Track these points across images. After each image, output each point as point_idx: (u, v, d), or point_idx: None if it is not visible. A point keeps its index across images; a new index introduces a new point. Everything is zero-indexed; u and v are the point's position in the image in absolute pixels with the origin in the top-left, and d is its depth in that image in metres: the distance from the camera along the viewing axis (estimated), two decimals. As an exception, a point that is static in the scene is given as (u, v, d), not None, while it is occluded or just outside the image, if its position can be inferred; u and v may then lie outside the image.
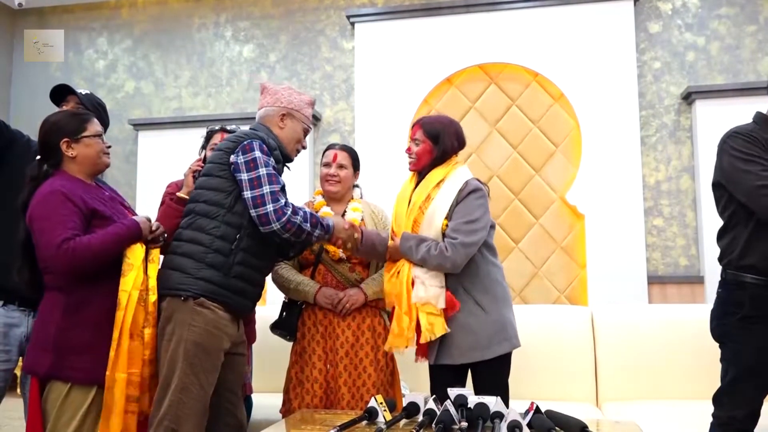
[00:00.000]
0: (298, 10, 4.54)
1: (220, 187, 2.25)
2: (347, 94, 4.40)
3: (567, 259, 3.97)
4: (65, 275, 2.05)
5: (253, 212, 2.19)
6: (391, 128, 4.19)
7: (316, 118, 4.37)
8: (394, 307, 2.41)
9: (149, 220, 2.21)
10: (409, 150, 2.51)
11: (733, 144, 2.25)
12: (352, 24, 4.34)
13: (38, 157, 2.18)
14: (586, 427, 1.80)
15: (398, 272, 2.41)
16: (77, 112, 2.25)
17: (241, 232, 2.23)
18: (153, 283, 2.17)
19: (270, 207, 2.17)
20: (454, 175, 2.44)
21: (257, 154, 2.22)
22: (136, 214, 2.36)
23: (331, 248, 2.62)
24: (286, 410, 2.62)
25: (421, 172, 2.51)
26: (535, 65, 4.07)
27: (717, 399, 2.29)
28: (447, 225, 2.37)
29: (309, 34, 4.50)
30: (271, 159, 2.27)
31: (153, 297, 2.16)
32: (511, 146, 4.10)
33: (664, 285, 3.86)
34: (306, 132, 2.47)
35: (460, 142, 2.50)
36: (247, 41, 4.59)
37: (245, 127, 2.66)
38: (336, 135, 4.37)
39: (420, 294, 2.33)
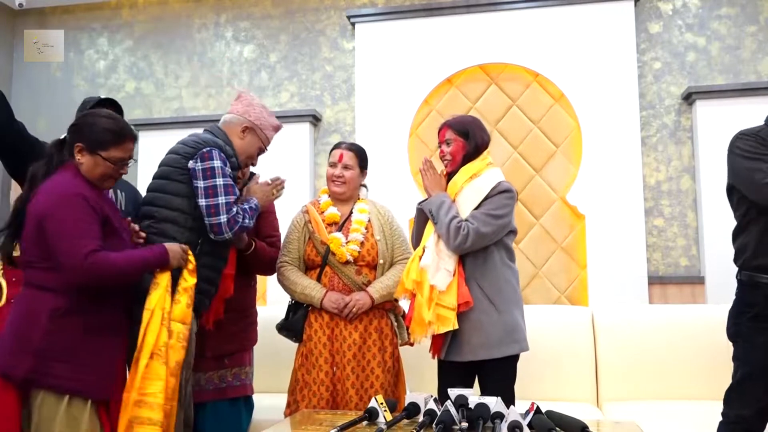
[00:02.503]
0: (299, 11, 4.54)
1: (181, 192, 2.29)
2: (348, 94, 4.40)
3: (567, 260, 3.97)
4: (81, 285, 2.00)
5: (206, 220, 2.25)
6: (392, 128, 4.19)
7: (317, 119, 4.37)
8: (414, 295, 2.43)
9: (182, 249, 2.19)
10: (442, 153, 2.55)
11: (740, 144, 2.27)
12: (353, 24, 4.34)
13: (64, 136, 2.14)
14: (587, 427, 1.80)
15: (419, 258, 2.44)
16: (118, 129, 2.13)
17: (203, 237, 2.29)
18: (178, 312, 2.13)
19: (223, 218, 2.24)
20: (488, 173, 2.48)
21: (216, 163, 2.27)
22: (128, 224, 2.33)
23: (337, 251, 2.62)
24: (291, 412, 2.62)
25: (453, 172, 2.54)
26: (536, 65, 4.06)
27: (726, 398, 2.30)
28: None
29: (309, 34, 4.51)
30: (228, 167, 2.33)
31: (178, 326, 2.13)
32: (511, 146, 4.10)
33: (664, 285, 3.86)
34: (260, 151, 2.55)
35: (487, 135, 2.58)
36: (248, 41, 4.60)
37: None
38: (336, 135, 4.37)
39: (431, 271, 2.36)
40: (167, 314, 2.11)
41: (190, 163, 2.28)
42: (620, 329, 3.32)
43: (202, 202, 2.24)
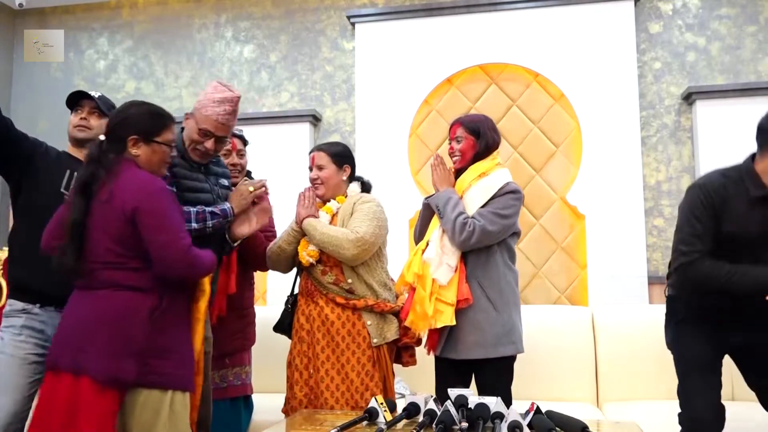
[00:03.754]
0: (299, 11, 4.54)
1: None
2: (348, 94, 4.40)
3: (567, 260, 3.97)
4: (175, 279, 2.01)
5: None
6: (392, 128, 4.19)
7: (316, 119, 4.37)
8: (414, 288, 2.43)
9: None
10: (451, 149, 2.58)
11: (693, 194, 2.25)
12: (353, 24, 4.34)
13: (102, 137, 2.09)
14: (587, 427, 1.80)
15: (422, 251, 2.45)
16: (160, 112, 2.14)
17: None
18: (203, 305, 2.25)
19: None
20: (496, 173, 2.51)
21: None
22: None
23: (299, 255, 2.60)
24: (286, 410, 2.63)
25: (462, 168, 2.56)
26: (536, 65, 4.07)
27: (679, 403, 2.37)
28: None
29: (309, 34, 4.51)
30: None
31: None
32: (511, 146, 4.10)
33: (664, 285, 3.85)
34: (205, 133, 2.35)
35: (498, 136, 2.60)
36: (248, 41, 4.60)
37: (247, 128, 2.66)
38: (336, 135, 4.37)
39: (433, 264, 2.38)
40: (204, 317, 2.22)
41: None
42: (620, 329, 3.32)
43: None
